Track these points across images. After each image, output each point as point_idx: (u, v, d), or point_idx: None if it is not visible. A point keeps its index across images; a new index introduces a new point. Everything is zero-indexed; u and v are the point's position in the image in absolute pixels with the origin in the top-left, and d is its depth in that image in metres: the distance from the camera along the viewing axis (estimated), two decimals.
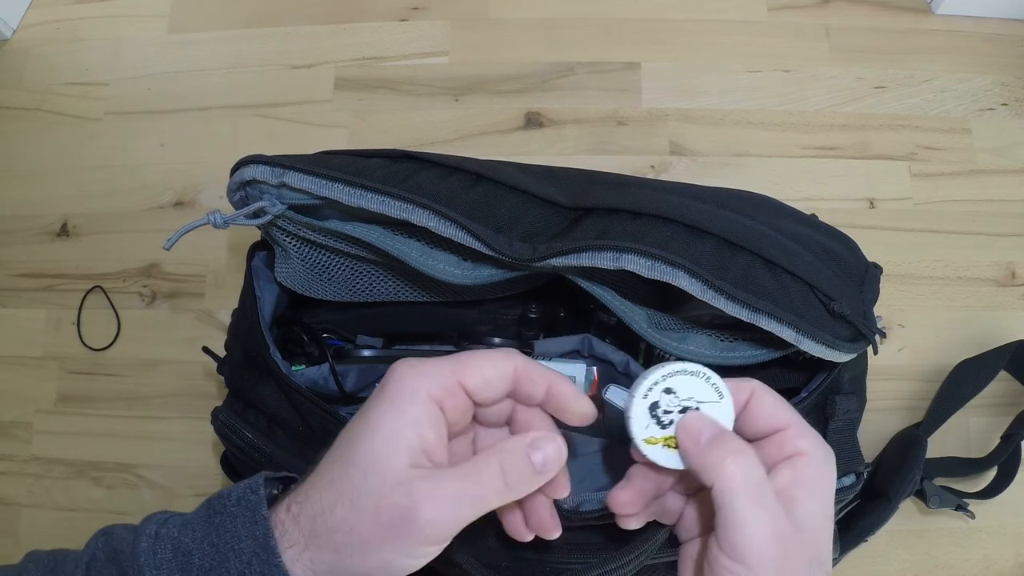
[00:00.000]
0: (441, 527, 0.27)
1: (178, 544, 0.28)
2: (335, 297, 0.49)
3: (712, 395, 0.31)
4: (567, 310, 0.53)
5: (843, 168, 0.72)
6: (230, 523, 0.28)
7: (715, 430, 0.30)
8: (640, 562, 0.40)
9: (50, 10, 0.81)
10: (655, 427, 0.31)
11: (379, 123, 0.74)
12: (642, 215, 0.41)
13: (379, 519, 0.27)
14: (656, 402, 0.31)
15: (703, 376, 0.31)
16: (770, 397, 0.32)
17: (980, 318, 0.68)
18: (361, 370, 0.53)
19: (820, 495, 0.30)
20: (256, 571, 0.27)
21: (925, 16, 0.77)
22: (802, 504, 0.29)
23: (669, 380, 0.31)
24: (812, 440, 0.30)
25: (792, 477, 0.30)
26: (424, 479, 0.27)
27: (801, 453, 0.30)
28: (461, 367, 0.30)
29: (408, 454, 0.28)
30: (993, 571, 0.62)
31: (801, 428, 0.31)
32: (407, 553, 0.27)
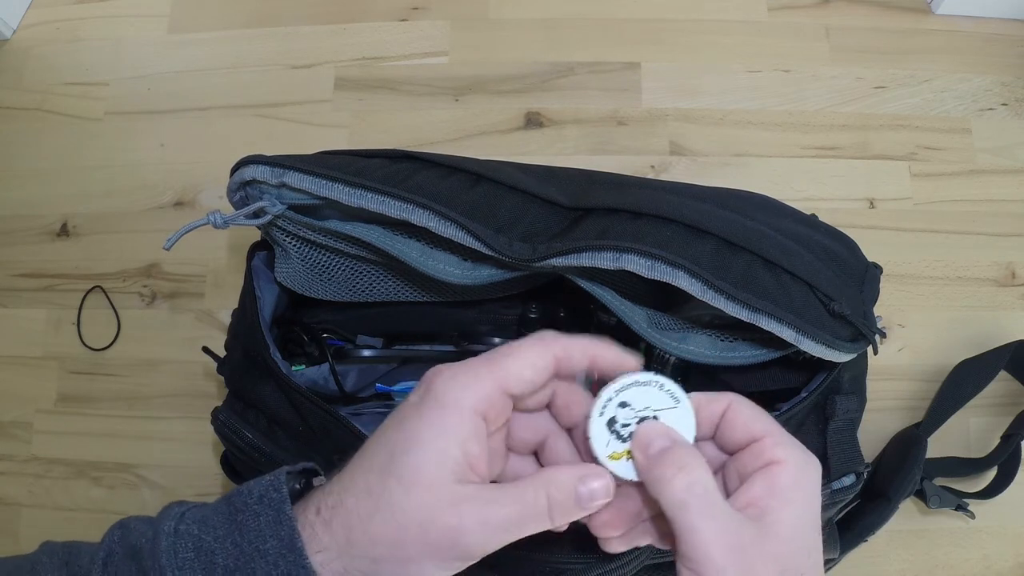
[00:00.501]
0: (484, 549, 0.28)
1: (200, 543, 0.28)
2: (335, 297, 0.49)
3: (668, 401, 0.31)
4: (567, 310, 0.53)
5: (843, 168, 0.72)
6: (253, 522, 0.28)
7: (664, 441, 0.29)
8: (641, 562, 0.40)
9: (50, 10, 0.81)
10: (616, 442, 0.31)
11: (379, 123, 0.74)
12: (642, 215, 0.41)
13: (427, 538, 0.27)
14: (613, 417, 0.31)
15: (656, 384, 0.31)
16: (746, 409, 0.31)
17: (980, 318, 0.68)
18: (361, 370, 0.53)
19: (797, 503, 0.29)
20: (283, 573, 0.27)
21: (925, 16, 0.77)
22: (775, 513, 0.28)
23: (623, 394, 0.31)
24: (788, 449, 0.29)
25: (765, 486, 0.29)
26: (473, 500, 0.27)
27: (776, 462, 0.29)
28: (503, 374, 0.29)
29: (454, 471, 0.28)
30: (993, 571, 0.62)
31: (778, 437, 0.30)
32: (446, 568, 0.28)
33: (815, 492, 0.29)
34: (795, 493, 0.29)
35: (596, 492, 0.29)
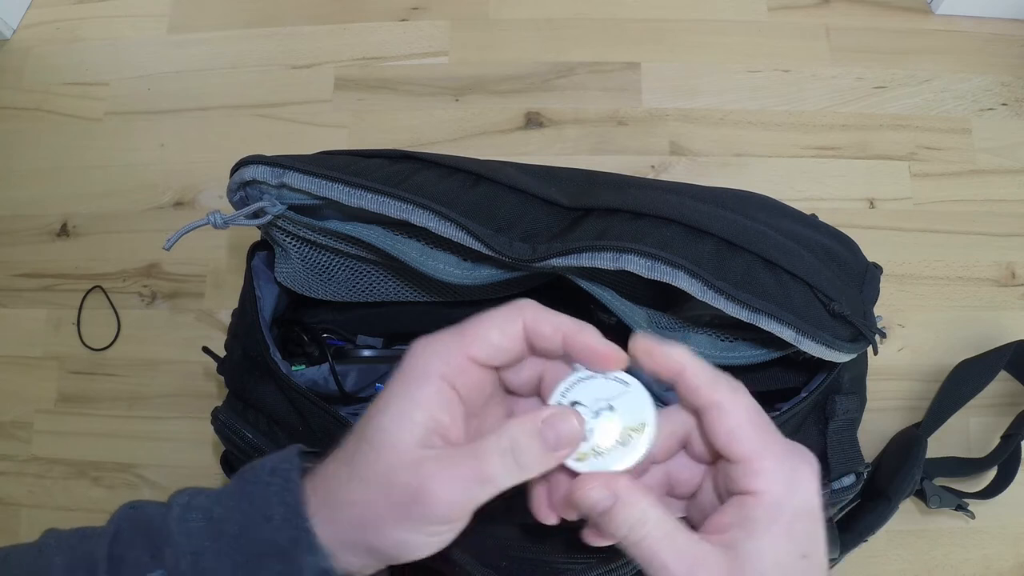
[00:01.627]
0: (452, 507, 0.27)
1: (209, 513, 0.29)
2: (335, 297, 0.49)
3: (618, 388, 0.31)
4: (567, 310, 0.53)
5: (843, 168, 0.72)
6: (262, 491, 0.29)
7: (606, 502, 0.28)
8: (636, 567, 0.40)
9: (50, 10, 0.81)
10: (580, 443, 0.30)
11: (379, 123, 0.74)
12: (642, 215, 0.41)
13: (391, 498, 0.27)
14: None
15: (600, 375, 0.31)
16: (730, 419, 0.28)
17: (980, 318, 0.67)
18: (361, 370, 0.53)
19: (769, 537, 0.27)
20: (287, 536, 0.28)
21: (925, 16, 0.77)
22: (743, 545, 0.27)
23: (570, 394, 0.31)
24: (768, 478, 0.27)
25: (736, 515, 0.28)
26: (434, 460, 0.27)
27: (750, 492, 0.28)
28: (468, 340, 0.30)
29: (418, 435, 0.28)
30: (993, 571, 0.62)
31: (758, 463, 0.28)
32: (422, 532, 0.28)
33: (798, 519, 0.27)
34: (769, 527, 0.27)
35: (562, 434, 0.29)
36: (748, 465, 0.28)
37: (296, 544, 0.27)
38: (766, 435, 0.28)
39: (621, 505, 0.28)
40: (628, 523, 0.28)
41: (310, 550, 0.27)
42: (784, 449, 0.28)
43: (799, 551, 0.27)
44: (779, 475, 0.28)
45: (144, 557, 0.28)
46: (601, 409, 0.30)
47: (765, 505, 0.27)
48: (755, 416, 0.29)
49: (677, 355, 0.30)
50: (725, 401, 0.29)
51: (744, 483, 0.28)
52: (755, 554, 0.27)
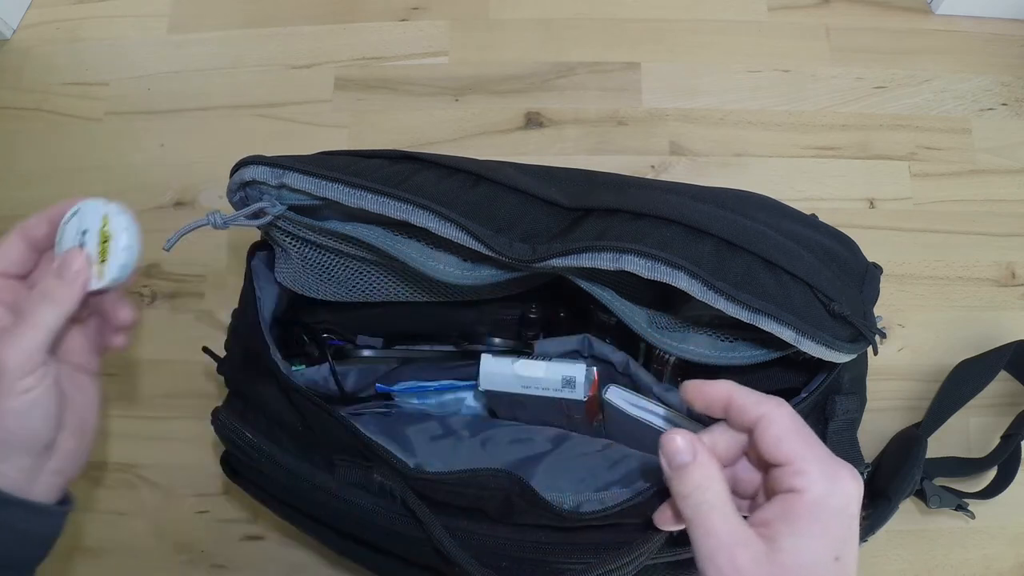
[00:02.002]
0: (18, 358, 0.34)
1: None
2: (335, 297, 0.49)
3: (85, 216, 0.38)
4: (567, 310, 0.53)
5: (843, 168, 0.72)
6: None
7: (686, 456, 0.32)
8: (640, 562, 0.40)
9: (50, 10, 0.81)
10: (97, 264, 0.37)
11: (379, 123, 0.74)
12: (642, 216, 0.41)
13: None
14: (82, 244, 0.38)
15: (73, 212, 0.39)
16: (774, 428, 0.31)
17: (980, 318, 0.68)
18: (361, 370, 0.53)
19: (808, 535, 0.29)
20: None
21: (925, 16, 0.77)
22: (782, 540, 0.29)
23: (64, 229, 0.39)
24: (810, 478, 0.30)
25: (780, 511, 0.30)
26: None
27: (794, 490, 0.30)
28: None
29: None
30: (993, 571, 0.62)
31: (801, 464, 0.31)
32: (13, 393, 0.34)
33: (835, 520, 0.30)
34: (808, 524, 0.29)
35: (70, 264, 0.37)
36: (792, 466, 0.31)
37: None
38: (809, 441, 0.31)
39: (696, 466, 0.31)
40: (695, 483, 0.31)
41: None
42: (827, 455, 0.31)
43: (833, 552, 0.29)
44: (820, 476, 0.30)
45: None
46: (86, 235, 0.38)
47: (806, 502, 0.30)
48: (799, 426, 0.32)
49: (722, 386, 0.34)
50: (771, 413, 0.32)
51: (788, 482, 0.30)
52: (792, 548, 0.29)
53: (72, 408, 0.38)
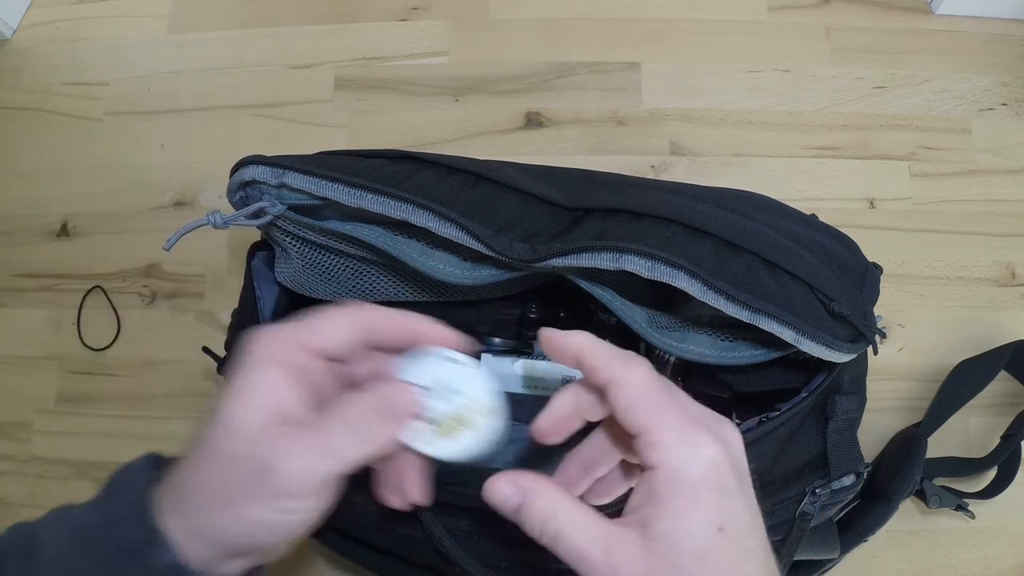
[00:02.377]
0: (299, 477, 0.27)
1: (75, 521, 0.30)
2: (335, 297, 0.49)
3: (452, 368, 0.31)
4: (567, 310, 0.53)
5: (843, 168, 0.72)
6: (116, 495, 0.30)
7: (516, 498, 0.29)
8: None
9: (50, 10, 0.81)
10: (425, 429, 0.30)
11: (379, 123, 0.74)
12: (642, 216, 0.41)
13: (240, 473, 0.28)
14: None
15: (433, 355, 0.31)
16: (623, 397, 0.28)
17: (980, 318, 0.67)
18: None
19: (677, 513, 0.26)
20: (137, 535, 0.28)
21: (925, 16, 0.77)
22: (654, 524, 0.26)
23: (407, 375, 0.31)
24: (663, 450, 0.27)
25: (644, 493, 0.27)
26: (281, 435, 0.28)
27: (650, 466, 0.27)
28: (303, 328, 0.30)
29: (264, 415, 0.28)
30: (993, 571, 0.62)
31: (653, 433, 0.27)
32: (271, 508, 0.28)
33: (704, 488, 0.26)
34: (672, 501, 0.26)
35: (397, 401, 0.30)
36: (645, 438, 0.27)
37: (147, 543, 0.28)
38: (662, 406, 0.28)
39: (532, 499, 0.28)
40: (541, 518, 0.28)
41: (159, 546, 0.28)
42: (682, 419, 0.27)
43: (712, 524, 0.26)
44: (675, 446, 0.27)
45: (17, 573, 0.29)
46: (447, 392, 0.31)
47: (663, 478, 0.27)
48: (652, 389, 0.28)
49: (575, 340, 0.30)
50: (619, 376, 0.28)
51: (644, 457, 0.27)
52: (664, 532, 0.26)
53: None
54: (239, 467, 0.28)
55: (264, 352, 0.29)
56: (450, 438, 0.30)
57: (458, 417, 0.30)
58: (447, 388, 0.31)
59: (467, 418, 0.31)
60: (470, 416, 0.31)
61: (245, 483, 0.27)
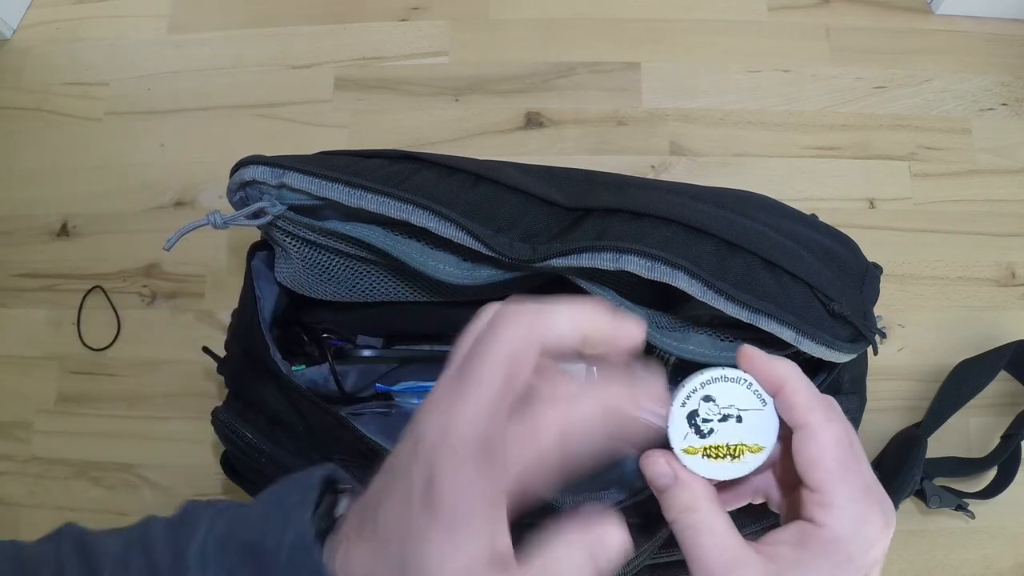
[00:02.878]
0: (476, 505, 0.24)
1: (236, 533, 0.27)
2: (335, 297, 0.49)
3: (754, 402, 0.30)
4: None
5: (843, 168, 0.72)
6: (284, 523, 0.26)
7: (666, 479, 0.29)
8: (640, 562, 0.40)
9: (50, 10, 0.81)
10: (693, 436, 0.30)
11: (379, 123, 0.74)
12: (642, 216, 0.41)
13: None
14: (695, 410, 0.30)
15: (744, 383, 0.30)
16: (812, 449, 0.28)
17: (980, 318, 0.67)
18: (361, 370, 0.53)
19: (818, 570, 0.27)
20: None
21: (925, 16, 0.77)
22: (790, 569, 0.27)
23: (708, 387, 0.30)
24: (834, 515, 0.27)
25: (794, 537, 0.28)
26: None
27: (812, 521, 0.28)
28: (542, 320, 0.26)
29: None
30: (993, 571, 0.62)
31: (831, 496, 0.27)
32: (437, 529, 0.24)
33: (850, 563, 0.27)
34: (818, 562, 0.27)
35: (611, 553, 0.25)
36: (821, 496, 0.28)
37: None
38: (848, 471, 0.28)
39: (679, 487, 0.29)
40: (680, 506, 0.28)
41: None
42: (863, 491, 0.28)
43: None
44: (847, 515, 0.27)
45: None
46: (729, 416, 0.30)
47: (824, 539, 0.27)
48: (844, 448, 0.28)
49: (781, 369, 0.30)
50: (816, 426, 0.28)
51: (811, 511, 0.28)
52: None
53: None
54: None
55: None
56: (711, 460, 0.30)
57: (731, 447, 0.30)
58: (734, 416, 0.30)
59: (738, 451, 0.31)
60: (741, 451, 0.31)
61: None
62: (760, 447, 0.30)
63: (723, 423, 0.30)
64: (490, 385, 0.24)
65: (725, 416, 0.30)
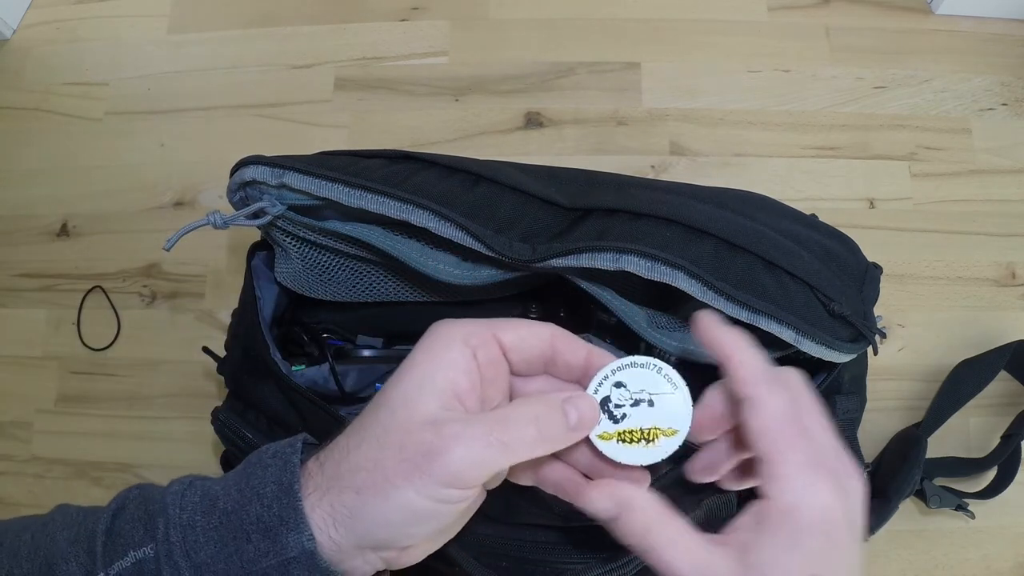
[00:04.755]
0: (468, 468, 0.27)
1: (207, 490, 0.29)
2: (335, 297, 0.49)
3: (665, 386, 0.31)
4: (567, 310, 0.53)
5: (843, 168, 0.72)
6: (260, 472, 0.29)
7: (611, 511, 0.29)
8: (640, 562, 0.40)
9: (50, 10, 0.81)
10: (607, 422, 0.31)
11: (379, 123, 0.74)
12: (642, 216, 0.41)
13: (404, 453, 0.27)
14: (607, 396, 0.31)
15: (654, 367, 0.31)
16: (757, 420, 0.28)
17: (980, 318, 0.67)
18: (361, 370, 0.53)
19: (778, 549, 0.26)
20: (275, 513, 0.27)
21: (925, 16, 0.77)
22: (753, 554, 0.26)
23: (619, 374, 0.31)
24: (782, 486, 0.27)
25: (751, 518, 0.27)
26: (456, 420, 0.27)
27: (767, 497, 0.27)
28: (498, 323, 0.30)
29: (439, 397, 0.28)
30: (993, 571, 0.62)
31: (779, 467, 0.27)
32: (431, 495, 0.27)
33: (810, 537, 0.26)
34: (775, 537, 0.26)
35: (584, 414, 0.29)
36: (769, 467, 0.27)
37: (283, 522, 0.27)
38: (792, 442, 0.27)
39: (628, 514, 0.28)
40: (636, 531, 0.28)
41: (295, 528, 0.27)
42: (808, 459, 0.27)
43: (807, 570, 0.26)
44: (793, 485, 0.27)
45: (139, 532, 0.29)
46: (641, 400, 0.31)
47: (776, 512, 0.27)
48: (786, 422, 0.28)
49: (730, 339, 0.30)
50: (759, 398, 0.28)
51: (764, 487, 0.27)
52: (762, 563, 0.26)
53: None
54: (403, 448, 0.27)
55: (450, 332, 0.29)
56: (627, 445, 0.31)
57: (644, 431, 0.31)
58: (646, 400, 0.31)
59: (652, 434, 0.31)
60: (656, 434, 0.31)
61: (408, 466, 0.27)
62: (675, 430, 0.31)
63: (635, 408, 0.31)
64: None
65: (637, 401, 0.31)
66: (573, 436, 0.29)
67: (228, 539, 0.28)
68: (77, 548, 0.29)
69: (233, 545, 0.27)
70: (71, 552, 0.29)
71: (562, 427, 0.29)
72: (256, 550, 0.27)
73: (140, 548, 0.28)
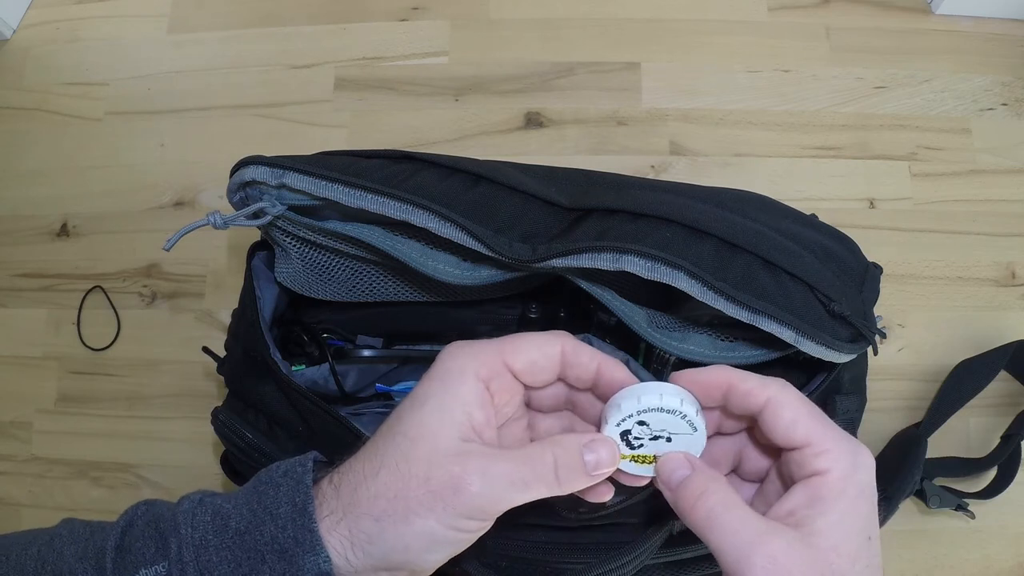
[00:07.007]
0: (489, 502, 0.28)
1: (218, 509, 0.29)
2: (335, 297, 0.49)
3: (686, 428, 0.31)
4: (567, 310, 0.53)
5: (843, 168, 0.72)
6: (273, 492, 0.29)
7: (684, 470, 0.30)
8: (640, 562, 0.40)
9: (50, 10, 0.81)
10: (624, 447, 0.32)
11: (379, 123, 0.74)
12: (642, 216, 0.41)
13: (428, 484, 0.27)
14: (628, 430, 0.32)
15: (679, 415, 0.31)
16: (787, 411, 0.30)
17: (980, 318, 0.67)
18: (361, 370, 0.53)
19: (838, 512, 0.28)
20: (289, 535, 0.28)
21: (925, 16, 0.77)
22: (814, 522, 0.28)
23: (645, 415, 0.31)
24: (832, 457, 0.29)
25: (805, 496, 0.29)
26: (478, 454, 0.28)
27: (818, 473, 0.29)
28: (508, 349, 0.31)
29: (458, 429, 0.29)
30: (993, 571, 0.62)
31: (820, 444, 0.29)
32: (451, 524, 0.28)
33: (862, 497, 0.29)
34: (837, 502, 0.28)
35: (602, 459, 0.30)
36: (812, 448, 0.29)
37: (298, 543, 0.27)
38: (824, 421, 0.30)
39: (696, 474, 0.30)
40: (700, 490, 0.29)
41: (312, 550, 0.27)
42: (842, 433, 0.30)
43: (865, 531, 0.28)
44: (843, 454, 0.29)
45: (150, 550, 0.29)
46: (660, 436, 0.32)
47: (833, 482, 0.28)
48: (809, 406, 0.30)
49: (718, 372, 0.31)
50: (778, 395, 0.30)
51: (810, 465, 0.29)
52: (827, 529, 0.28)
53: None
54: (428, 479, 0.27)
55: (463, 364, 0.30)
56: (638, 464, 0.32)
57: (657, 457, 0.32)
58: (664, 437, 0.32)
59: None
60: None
61: (431, 495, 0.27)
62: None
63: (653, 441, 0.32)
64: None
65: (656, 436, 0.32)
66: (589, 480, 0.30)
67: (242, 559, 0.28)
68: (85, 564, 0.29)
69: (248, 565, 0.28)
70: (79, 568, 0.29)
71: (580, 471, 0.30)
72: (272, 571, 0.27)
73: (152, 566, 0.28)
